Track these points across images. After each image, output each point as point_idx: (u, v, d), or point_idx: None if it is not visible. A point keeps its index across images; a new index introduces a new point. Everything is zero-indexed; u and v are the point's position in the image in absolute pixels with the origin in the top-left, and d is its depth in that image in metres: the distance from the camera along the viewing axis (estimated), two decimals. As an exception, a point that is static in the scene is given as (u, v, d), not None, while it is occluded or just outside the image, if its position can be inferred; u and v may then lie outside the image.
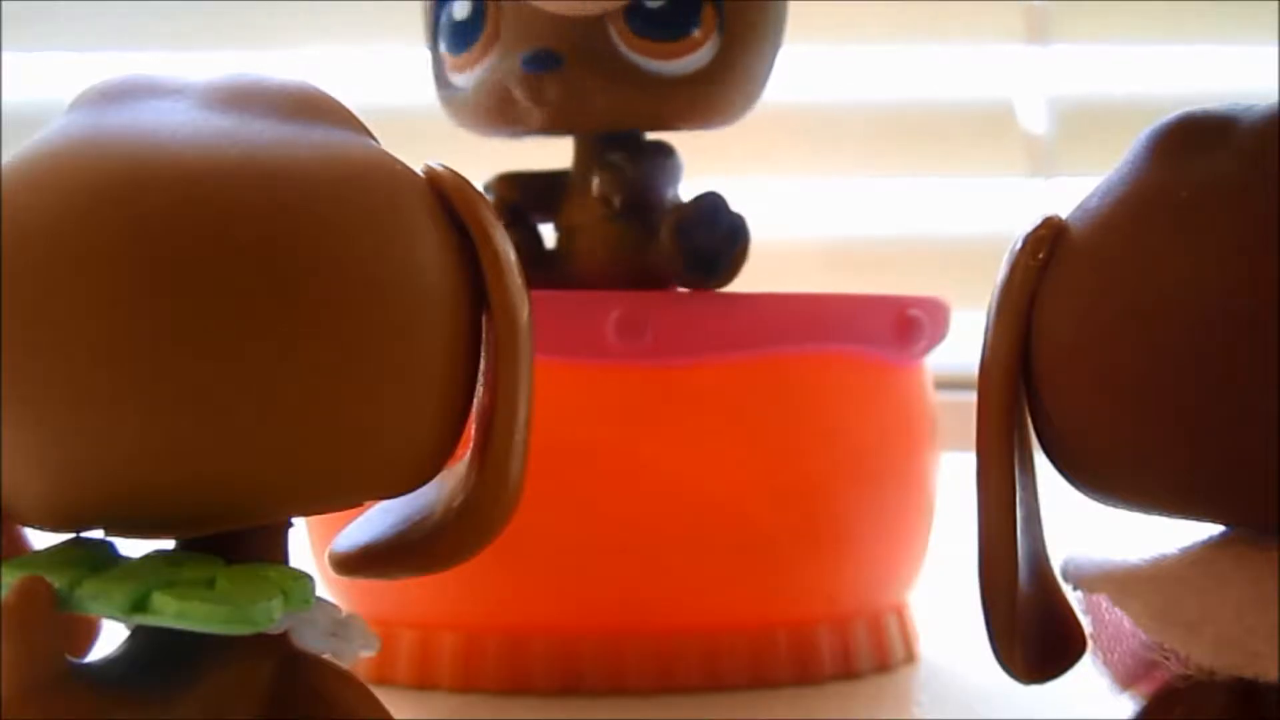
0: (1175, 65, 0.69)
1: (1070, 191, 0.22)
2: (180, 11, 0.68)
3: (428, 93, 0.40)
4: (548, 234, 0.41)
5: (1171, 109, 0.22)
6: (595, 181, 0.38)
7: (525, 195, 0.40)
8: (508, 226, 0.38)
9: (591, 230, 0.39)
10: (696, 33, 0.37)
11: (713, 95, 0.38)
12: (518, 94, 0.37)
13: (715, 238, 0.37)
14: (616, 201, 0.38)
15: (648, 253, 0.38)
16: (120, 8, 0.69)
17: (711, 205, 0.38)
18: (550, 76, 0.36)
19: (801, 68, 0.45)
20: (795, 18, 0.40)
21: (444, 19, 0.39)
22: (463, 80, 0.39)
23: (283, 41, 0.69)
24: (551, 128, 0.38)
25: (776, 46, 0.39)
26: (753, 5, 0.38)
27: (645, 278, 0.38)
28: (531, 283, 0.39)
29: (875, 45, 0.69)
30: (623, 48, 0.37)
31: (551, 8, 0.36)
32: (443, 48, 0.39)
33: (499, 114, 0.38)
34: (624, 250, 0.38)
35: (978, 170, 0.69)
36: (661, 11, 0.37)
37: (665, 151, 0.39)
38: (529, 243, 0.40)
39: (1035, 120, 0.68)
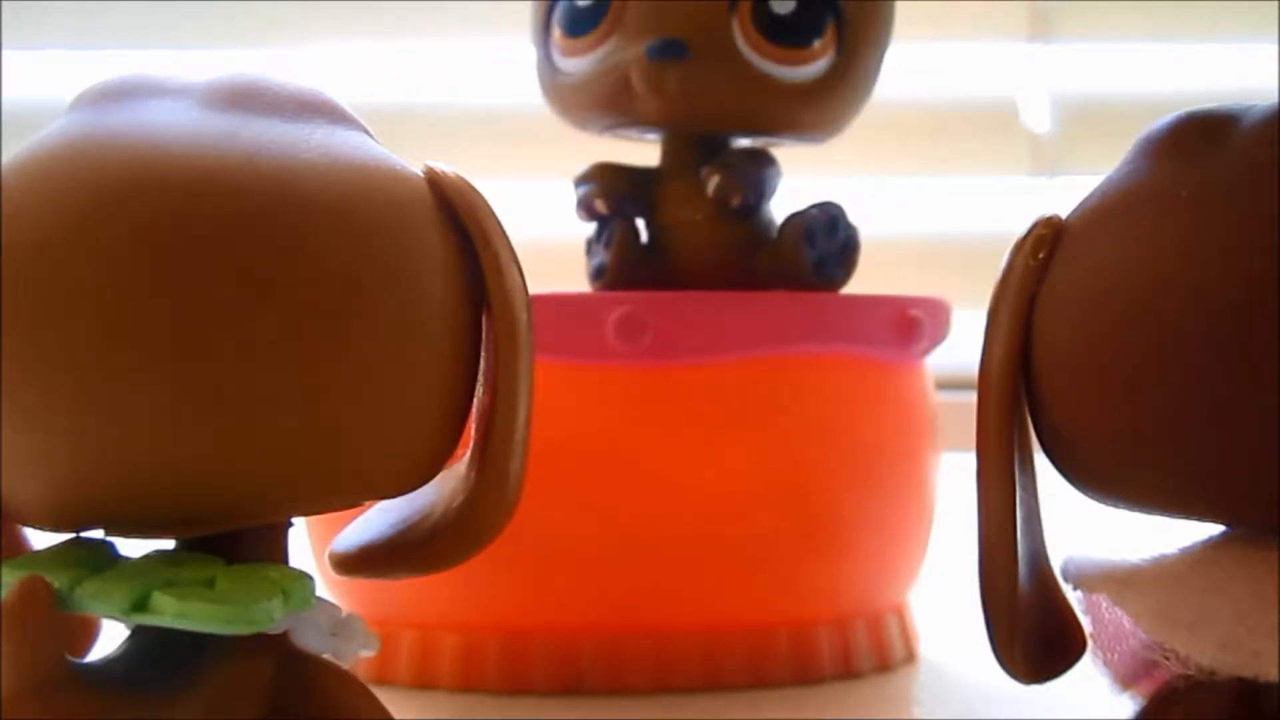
0: (1178, 63, 0.69)
1: (1073, 190, 0.22)
2: (181, 9, 0.68)
3: (428, 92, 0.40)
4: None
5: (1175, 107, 0.22)
6: (714, 181, 0.38)
7: (627, 186, 0.40)
8: (612, 217, 0.39)
9: (699, 229, 0.39)
10: (818, 44, 0.38)
11: (822, 107, 0.39)
12: (637, 82, 0.37)
13: (833, 246, 0.39)
14: (735, 201, 0.38)
15: (756, 255, 0.39)
16: (121, 5, 0.69)
17: (834, 215, 0.39)
18: (674, 66, 0.37)
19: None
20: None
21: (563, 1, 0.39)
22: (573, 65, 0.39)
23: (284, 39, 0.69)
24: (661, 120, 0.39)
25: (881, 65, 0.40)
26: (870, 26, 0.39)
27: (751, 279, 0.39)
28: (633, 279, 0.39)
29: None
30: (745, 48, 0.37)
31: None
32: (558, 29, 0.39)
33: (610, 102, 0.38)
34: (733, 251, 0.39)
35: (980, 169, 0.69)
36: (790, 18, 0.38)
37: (770, 158, 0.40)
38: (630, 236, 0.40)
39: (1038, 119, 0.68)
